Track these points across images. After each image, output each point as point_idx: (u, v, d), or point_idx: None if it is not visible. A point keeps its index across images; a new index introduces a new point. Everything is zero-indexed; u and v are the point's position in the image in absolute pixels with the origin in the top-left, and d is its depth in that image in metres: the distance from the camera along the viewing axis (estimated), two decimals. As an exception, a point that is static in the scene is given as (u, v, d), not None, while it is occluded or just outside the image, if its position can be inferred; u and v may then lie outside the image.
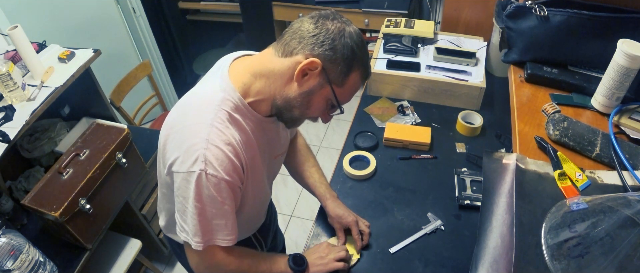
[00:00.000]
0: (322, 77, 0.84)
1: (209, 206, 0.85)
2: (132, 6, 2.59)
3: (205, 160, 0.81)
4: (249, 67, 0.89)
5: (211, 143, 0.81)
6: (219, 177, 0.82)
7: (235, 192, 0.88)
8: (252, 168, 0.93)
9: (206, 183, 0.82)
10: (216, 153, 0.82)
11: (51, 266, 1.44)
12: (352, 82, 0.86)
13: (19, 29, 1.55)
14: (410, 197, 1.34)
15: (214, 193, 0.83)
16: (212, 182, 0.82)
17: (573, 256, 0.69)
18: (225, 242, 0.90)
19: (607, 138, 0.91)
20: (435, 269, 1.15)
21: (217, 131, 0.83)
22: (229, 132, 0.84)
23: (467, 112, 1.59)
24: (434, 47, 1.73)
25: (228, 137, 0.83)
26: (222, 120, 0.84)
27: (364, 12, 2.77)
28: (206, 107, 0.85)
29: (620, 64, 0.93)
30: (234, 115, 0.86)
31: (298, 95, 0.85)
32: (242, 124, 0.88)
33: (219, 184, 0.83)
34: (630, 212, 0.66)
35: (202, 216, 0.86)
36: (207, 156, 0.81)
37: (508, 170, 0.88)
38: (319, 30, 0.82)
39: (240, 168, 0.87)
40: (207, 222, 0.87)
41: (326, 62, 0.82)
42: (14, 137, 1.44)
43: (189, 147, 0.82)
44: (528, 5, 1.09)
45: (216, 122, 0.83)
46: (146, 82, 2.56)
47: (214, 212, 0.86)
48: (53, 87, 1.61)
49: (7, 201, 1.61)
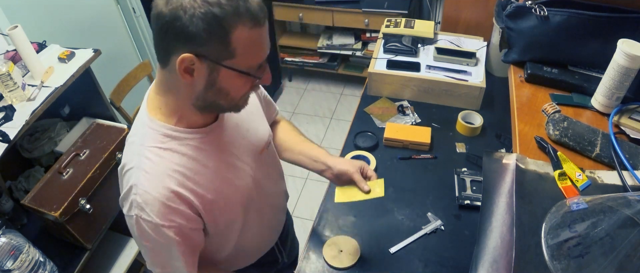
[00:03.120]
0: (207, 65, 0.69)
1: (157, 247, 0.81)
2: (132, 6, 2.59)
3: (137, 206, 0.76)
4: (156, 91, 0.79)
5: (141, 188, 0.76)
6: (154, 222, 0.76)
7: (184, 235, 0.80)
8: (225, 184, 0.86)
9: (145, 227, 0.77)
10: (147, 199, 0.75)
11: (51, 266, 1.44)
12: (243, 41, 0.68)
13: (19, 29, 1.55)
14: (410, 197, 1.34)
15: (156, 238, 0.78)
16: (150, 227, 0.77)
17: (573, 256, 0.69)
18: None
19: (607, 138, 0.91)
20: (435, 269, 1.15)
21: (145, 175, 0.76)
22: (161, 170, 0.76)
23: (467, 112, 1.59)
24: (434, 47, 1.73)
25: (160, 178, 0.76)
26: (150, 159, 0.77)
27: (364, 12, 2.77)
28: (133, 149, 0.79)
29: (620, 64, 0.93)
30: (165, 146, 0.78)
31: (205, 91, 0.73)
32: (180, 149, 0.79)
33: (157, 229, 0.77)
34: (630, 212, 0.66)
35: (154, 252, 0.83)
36: (139, 201, 0.76)
37: (508, 170, 0.88)
38: (162, 22, 0.66)
39: (185, 206, 0.79)
40: (163, 259, 0.83)
41: (196, 49, 0.67)
42: (14, 137, 1.44)
43: (124, 193, 0.79)
44: (528, 5, 1.09)
45: (144, 164, 0.76)
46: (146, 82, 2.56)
47: (164, 254, 0.82)
48: (53, 87, 1.61)
49: (7, 201, 1.61)
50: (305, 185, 2.69)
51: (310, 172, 1.12)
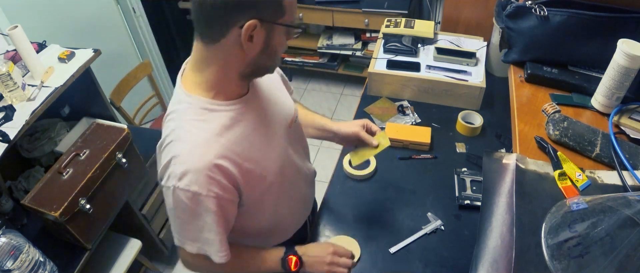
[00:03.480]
0: (265, 26, 0.76)
1: (191, 218, 0.84)
2: (132, 6, 2.59)
3: (177, 176, 0.79)
4: (195, 68, 0.84)
5: (181, 159, 0.79)
6: (193, 191, 0.79)
7: (221, 206, 0.83)
8: (260, 154, 0.89)
9: (182, 198, 0.80)
10: (187, 169, 0.79)
11: (51, 266, 1.44)
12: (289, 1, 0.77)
13: (19, 29, 1.55)
14: (410, 197, 1.34)
15: (192, 207, 0.81)
16: (187, 197, 0.80)
17: (573, 256, 0.69)
18: (218, 259, 0.88)
19: (607, 138, 0.91)
20: (435, 269, 1.15)
21: (185, 146, 0.80)
22: (201, 141, 0.80)
23: (467, 112, 1.59)
24: (434, 47, 1.73)
25: (200, 149, 0.80)
26: (190, 131, 0.81)
27: (364, 12, 2.77)
28: (173, 124, 0.83)
29: (620, 64, 0.93)
30: (204, 118, 0.82)
31: (260, 55, 0.79)
32: (219, 121, 0.83)
33: (195, 199, 0.80)
34: (630, 212, 0.66)
35: (187, 224, 0.86)
36: (179, 172, 0.79)
37: (508, 170, 0.88)
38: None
39: (224, 176, 0.82)
40: (195, 231, 0.86)
41: (257, 15, 0.74)
42: (14, 137, 1.44)
43: (164, 165, 0.82)
44: (528, 5, 1.09)
45: (184, 137, 0.81)
46: (146, 82, 2.56)
47: (199, 225, 0.84)
48: (53, 87, 1.61)
49: (7, 201, 1.61)
50: (305, 185, 2.69)
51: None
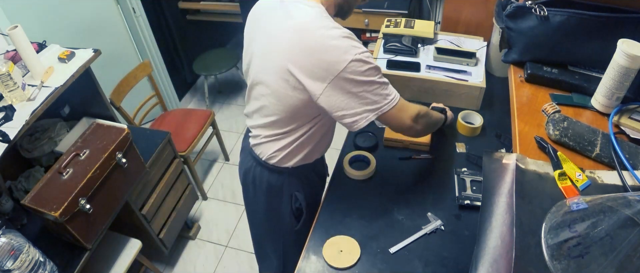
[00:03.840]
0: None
1: (380, 75, 1.02)
2: (132, 6, 2.59)
3: (351, 48, 0.96)
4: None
5: (343, 35, 0.98)
6: (374, 66, 0.99)
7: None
8: None
9: (365, 58, 0.97)
10: (353, 38, 0.99)
11: (51, 266, 1.44)
12: None
13: (19, 29, 1.55)
14: (410, 197, 1.34)
15: (374, 64, 0.99)
16: (366, 55, 0.98)
17: (573, 256, 0.69)
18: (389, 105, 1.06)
19: (607, 138, 0.91)
20: (435, 269, 1.15)
21: (349, 40, 0.98)
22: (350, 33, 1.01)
23: (467, 112, 1.59)
24: (434, 47, 1.73)
25: (355, 41, 0.99)
26: (332, 21, 1.01)
27: (364, 12, 2.76)
28: (314, 19, 1.00)
29: (620, 64, 0.93)
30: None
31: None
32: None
33: (377, 69, 1.00)
34: (630, 212, 0.66)
35: (380, 83, 1.02)
36: (351, 44, 0.97)
37: (508, 170, 0.88)
38: None
39: None
40: (386, 84, 1.04)
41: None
42: (14, 137, 1.44)
43: (335, 46, 0.97)
44: (528, 5, 1.09)
45: (332, 23, 1.00)
46: (146, 82, 2.57)
47: (385, 80, 1.04)
48: (53, 87, 1.61)
49: (7, 201, 1.61)
50: (305, 185, 2.69)
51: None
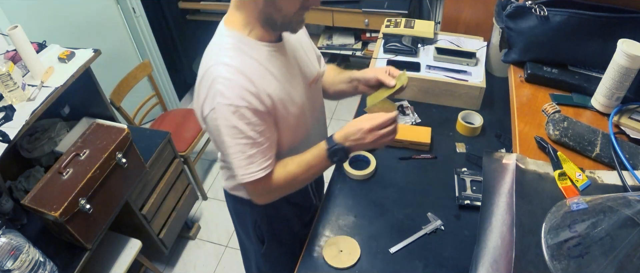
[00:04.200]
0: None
1: (234, 138, 0.92)
2: (132, 6, 2.59)
3: (222, 94, 0.88)
4: (234, 6, 0.94)
5: (219, 77, 0.89)
6: (237, 105, 0.88)
7: (259, 116, 0.92)
8: (280, 98, 0.96)
9: (227, 114, 0.89)
10: (228, 84, 0.88)
11: (51, 266, 1.44)
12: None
13: (19, 29, 1.55)
14: (410, 197, 1.34)
15: (236, 123, 0.90)
16: (232, 110, 0.89)
17: (573, 256, 0.69)
18: (264, 172, 0.96)
19: (607, 138, 0.91)
20: (435, 269, 1.15)
21: (224, 66, 0.89)
22: (236, 63, 0.90)
23: (467, 112, 1.59)
24: (434, 47, 1.73)
25: (235, 68, 0.89)
26: (228, 56, 0.91)
27: (364, 12, 2.77)
28: (212, 53, 0.94)
29: (620, 64, 0.93)
30: (240, 49, 0.92)
31: (265, 6, 0.88)
32: (252, 55, 0.93)
33: (239, 112, 0.89)
34: (630, 212, 0.66)
35: (231, 149, 0.93)
36: (223, 90, 0.88)
37: (508, 170, 0.88)
38: None
39: (256, 94, 0.91)
40: (242, 154, 0.94)
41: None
42: (14, 137, 1.44)
43: (204, 94, 0.91)
44: (528, 5, 1.09)
45: (224, 60, 0.90)
46: (146, 82, 2.56)
47: (243, 143, 0.93)
48: (53, 87, 1.61)
49: (7, 201, 1.61)
50: (305, 185, 2.69)
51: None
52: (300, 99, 1.03)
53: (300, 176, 1.03)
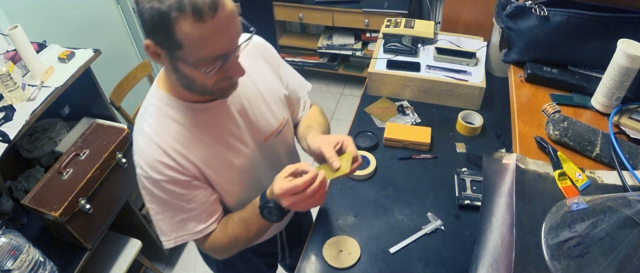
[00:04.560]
0: (165, 52, 0.74)
1: (161, 206, 0.87)
2: (132, 6, 2.59)
3: (138, 165, 0.85)
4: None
5: (138, 148, 0.84)
6: (154, 178, 0.83)
7: (182, 185, 0.86)
8: (208, 163, 0.89)
9: (148, 185, 0.85)
10: (143, 157, 0.83)
11: (51, 266, 1.44)
12: (188, 34, 0.69)
13: (19, 29, 1.55)
14: (410, 197, 1.34)
15: (159, 194, 0.85)
16: (151, 182, 0.84)
17: (573, 256, 0.69)
18: (196, 235, 0.91)
19: (607, 138, 0.91)
20: (435, 269, 1.15)
21: (142, 136, 0.84)
22: (155, 131, 0.84)
23: (467, 112, 1.59)
24: (434, 47, 1.73)
25: (152, 139, 0.83)
26: (148, 123, 0.85)
27: (364, 12, 2.77)
28: (139, 116, 0.88)
29: (620, 64, 0.92)
30: (164, 112, 0.85)
31: (175, 75, 0.79)
32: (177, 119, 0.85)
33: (158, 184, 0.84)
34: (630, 212, 0.66)
35: (159, 215, 0.89)
36: (138, 160, 0.84)
37: (508, 170, 0.88)
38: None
39: (174, 166, 0.84)
40: (167, 220, 0.89)
41: (151, 37, 0.72)
42: (14, 137, 1.44)
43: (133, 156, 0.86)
44: (528, 5, 1.09)
45: (143, 127, 0.85)
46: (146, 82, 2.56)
47: (169, 211, 0.88)
48: (53, 87, 1.61)
49: (7, 201, 1.61)
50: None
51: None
52: (245, 158, 0.95)
53: (242, 236, 0.93)
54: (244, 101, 0.94)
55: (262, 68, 1.01)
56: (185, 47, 0.71)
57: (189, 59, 0.73)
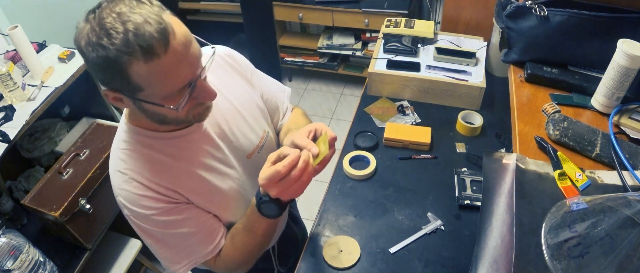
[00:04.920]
0: (124, 97, 0.69)
1: (161, 240, 0.85)
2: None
3: (123, 205, 0.81)
4: None
5: (118, 188, 0.81)
6: (143, 214, 0.80)
7: (177, 212, 0.82)
8: (190, 188, 0.85)
9: (139, 223, 0.82)
10: (125, 196, 0.80)
11: (51, 266, 1.44)
12: (144, 76, 0.64)
13: (19, 29, 1.55)
14: (410, 197, 1.34)
15: (154, 229, 0.82)
16: (141, 220, 0.81)
17: (573, 256, 0.69)
18: (207, 256, 0.88)
19: (607, 138, 0.91)
20: (435, 269, 1.15)
21: (119, 175, 0.80)
22: (131, 166, 0.80)
23: (467, 112, 1.59)
24: (434, 47, 1.73)
25: (130, 176, 0.79)
26: (122, 159, 0.81)
27: (364, 12, 2.77)
28: (112, 154, 0.84)
29: (620, 64, 0.93)
30: (136, 147, 0.81)
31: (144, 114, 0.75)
32: (152, 145, 0.81)
33: (149, 219, 0.81)
34: (630, 212, 0.66)
35: (162, 249, 0.86)
36: (122, 201, 0.81)
37: (508, 170, 0.88)
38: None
39: (160, 197, 0.81)
40: (173, 250, 0.86)
41: (108, 86, 0.68)
42: (14, 137, 1.44)
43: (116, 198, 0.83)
44: (528, 5, 1.09)
45: (118, 165, 0.81)
46: (146, 82, 2.56)
47: (171, 242, 0.85)
48: (53, 87, 1.61)
49: (7, 201, 1.61)
50: (305, 185, 2.69)
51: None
52: (232, 181, 0.91)
53: (252, 243, 0.89)
54: (221, 121, 0.90)
55: (233, 81, 0.96)
56: (145, 89, 0.66)
57: (154, 99, 0.68)
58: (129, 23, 0.61)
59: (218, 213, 0.91)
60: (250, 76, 1.00)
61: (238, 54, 1.00)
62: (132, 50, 0.61)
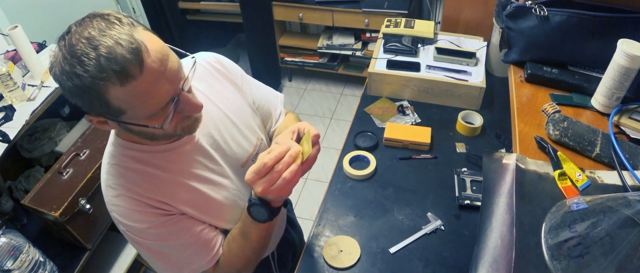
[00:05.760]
0: (108, 120, 0.69)
1: (158, 253, 0.84)
2: (132, 6, 2.60)
3: (118, 221, 0.80)
4: None
5: (110, 204, 0.80)
6: (138, 228, 0.80)
7: (172, 224, 0.81)
8: (182, 199, 0.83)
9: (135, 238, 0.81)
10: (120, 211, 0.79)
11: (51, 266, 1.44)
12: (123, 99, 0.63)
13: (19, 29, 1.55)
14: (410, 197, 1.34)
15: (151, 243, 0.82)
16: (137, 234, 0.81)
17: (573, 256, 0.69)
18: (205, 266, 0.87)
19: (607, 138, 0.91)
20: (435, 269, 1.15)
21: (110, 190, 0.79)
22: (121, 182, 0.79)
23: (467, 112, 1.59)
24: (434, 47, 1.73)
25: (120, 192, 0.78)
26: (112, 174, 0.79)
27: (364, 12, 2.77)
28: (103, 168, 0.83)
29: (620, 64, 0.93)
30: (124, 158, 0.80)
31: (132, 133, 0.75)
32: (141, 158, 0.80)
33: (145, 233, 0.80)
34: (630, 212, 0.66)
35: (159, 262, 0.86)
36: (118, 218, 0.80)
37: (508, 170, 0.88)
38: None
39: (153, 212, 0.80)
40: (171, 263, 0.85)
41: (89, 111, 0.67)
42: (14, 137, 1.44)
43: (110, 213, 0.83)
44: (528, 5, 1.09)
45: (109, 181, 0.80)
46: (146, 82, 2.57)
47: (168, 255, 0.85)
48: (53, 87, 1.61)
49: (7, 201, 1.61)
50: (305, 185, 2.69)
51: (309, 172, 1.07)
52: (227, 191, 0.90)
53: (248, 249, 0.88)
54: (213, 131, 0.88)
55: (223, 88, 0.94)
56: (127, 111, 0.65)
57: (137, 120, 0.67)
58: (100, 47, 0.59)
59: (215, 223, 0.90)
60: (240, 82, 0.98)
61: (227, 60, 0.98)
62: (107, 75, 0.59)
